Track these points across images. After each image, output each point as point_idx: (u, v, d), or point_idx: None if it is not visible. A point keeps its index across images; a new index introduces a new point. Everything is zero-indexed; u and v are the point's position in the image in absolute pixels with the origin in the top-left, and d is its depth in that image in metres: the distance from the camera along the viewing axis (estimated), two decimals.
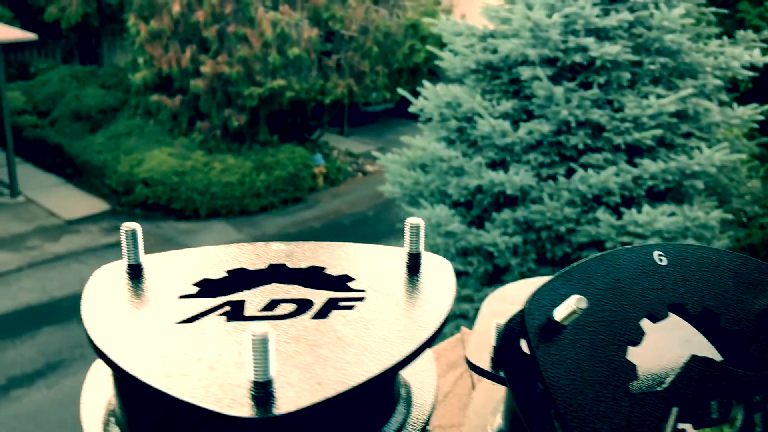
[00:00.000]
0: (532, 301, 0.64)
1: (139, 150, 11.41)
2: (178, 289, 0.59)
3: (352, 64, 12.01)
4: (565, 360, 0.61)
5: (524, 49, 5.48)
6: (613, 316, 0.65)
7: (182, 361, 0.49)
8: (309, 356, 0.50)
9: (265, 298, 0.59)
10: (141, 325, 0.54)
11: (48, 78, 14.02)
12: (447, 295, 0.60)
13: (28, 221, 10.34)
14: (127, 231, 0.61)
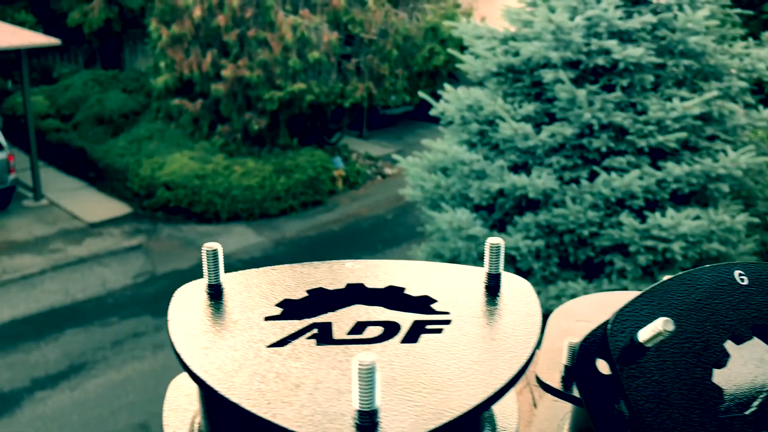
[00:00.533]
0: (615, 323, 0.63)
1: (161, 153, 11.49)
2: (261, 310, 0.59)
3: (372, 67, 12.02)
4: (650, 383, 0.61)
5: (546, 51, 5.45)
6: (696, 337, 0.64)
7: (281, 387, 0.49)
8: (407, 384, 0.50)
9: (351, 320, 0.59)
10: (232, 348, 0.54)
11: (71, 82, 14.17)
12: (534, 319, 0.60)
13: (51, 224, 10.45)
14: (209, 251, 0.61)
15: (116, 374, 6.98)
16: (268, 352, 0.53)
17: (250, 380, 0.49)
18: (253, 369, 0.51)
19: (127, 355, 7.30)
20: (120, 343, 7.52)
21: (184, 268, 9.30)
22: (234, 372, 0.51)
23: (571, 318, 0.80)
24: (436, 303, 0.61)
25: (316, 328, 0.57)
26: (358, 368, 0.45)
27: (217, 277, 0.61)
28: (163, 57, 12.05)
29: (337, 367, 0.51)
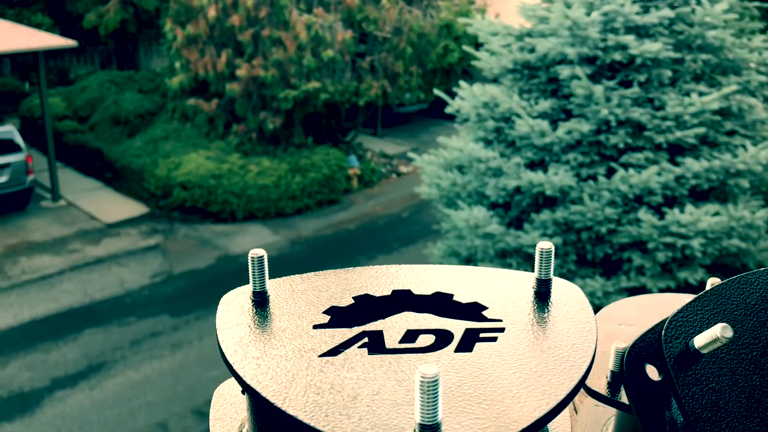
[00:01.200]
0: (669, 328, 0.61)
1: (177, 153, 11.55)
2: (309, 318, 0.59)
3: (386, 65, 12.01)
4: (706, 391, 0.59)
5: (562, 47, 5.41)
6: (754, 342, 0.62)
7: (337, 398, 0.48)
8: (466, 395, 0.49)
9: (401, 328, 0.57)
10: (284, 358, 0.53)
11: (87, 84, 14.27)
12: (590, 326, 0.58)
13: (69, 225, 10.53)
14: (254, 258, 0.59)
15: (135, 374, 7.02)
16: (321, 362, 0.52)
17: (305, 392, 0.49)
18: (307, 380, 0.50)
19: (146, 355, 7.34)
20: (138, 343, 7.56)
21: (201, 267, 9.34)
22: (288, 383, 0.50)
23: (614, 322, 0.79)
24: (486, 310, 0.60)
25: (366, 337, 0.56)
26: (420, 381, 0.43)
27: (263, 284, 0.60)
28: (178, 57, 12.10)
29: (393, 378, 0.50)
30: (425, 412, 0.44)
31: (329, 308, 0.60)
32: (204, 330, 7.80)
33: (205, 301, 8.40)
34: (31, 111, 13.76)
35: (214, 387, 2.53)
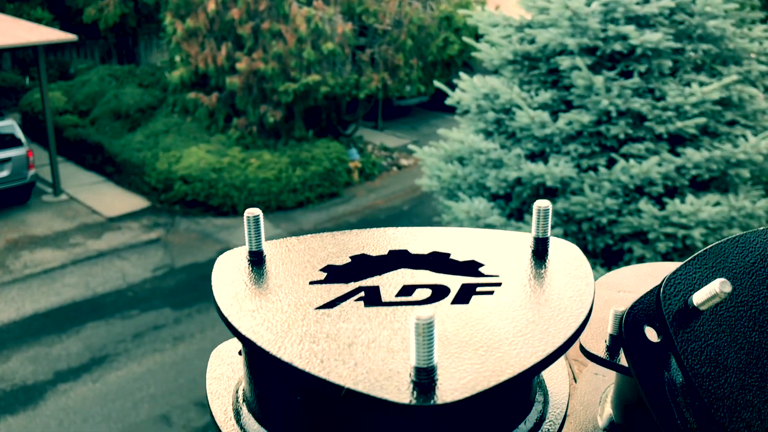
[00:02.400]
0: (668, 286, 0.62)
1: (177, 147, 11.55)
2: (305, 275, 0.58)
3: (386, 57, 11.99)
4: (705, 347, 0.59)
5: (563, 38, 5.41)
6: (752, 300, 0.62)
7: (333, 346, 0.48)
8: (462, 343, 0.49)
9: (398, 283, 0.57)
10: (280, 310, 0.53)
11: (87, 78, 14.26)
12: (587, 280, 0.58)
13: (71, 219, 10.54)
14: (250, 217, 0.60)
15: (137, 366, 7.04)
16: (317, 314, 0.52)
17: (301, 340, 0.48)
18: (303, 330, 0.50)
19: (148, 348, 7.36)
20: (140, 336, 7.58)
21: (203, 261, 9.35)
22: (283, 333, 0.50)
23: (613, 289, 0.79)
24: (483, 267, 0.60)
25: (363, 291, 0.56)
26: (415, 323, 0.43)
27: (259, 244, 0.60)
28: (178, 51, 12.09)
29: (388, 327, 0.50)
30: (421, 354, 0.44)
31: (326, 266, 0.59)
32: (206, 323, 7.82)
33: (206, 294, 8.42)
34: (31, 105, 13.76)
35: None
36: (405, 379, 0.44)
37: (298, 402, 0.51)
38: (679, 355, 0.59)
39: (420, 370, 0.44)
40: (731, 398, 0.57)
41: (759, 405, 0.58)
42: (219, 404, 0.58)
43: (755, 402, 0.58)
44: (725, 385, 0.58)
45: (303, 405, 0.50)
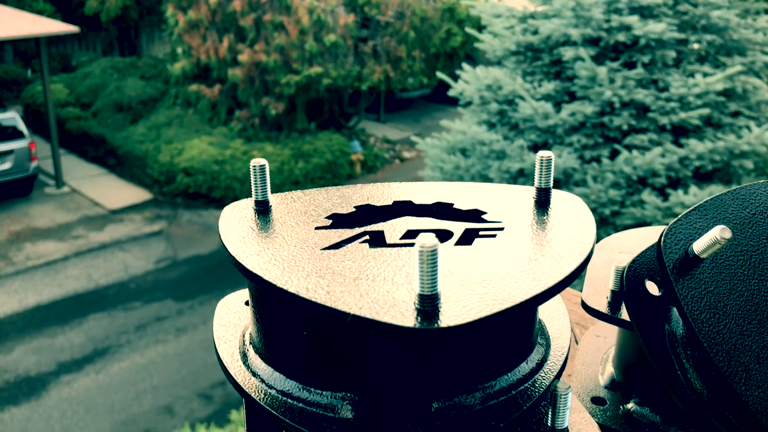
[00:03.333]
0: (669, 236, 0.63)
1: (180, 139, 11.54)
2: (311, 222, 0.59)
3: (389, 49, 11.96)
4: (705, 294, 0.60)
5: (566, 29, 5.39)
6: (751, 249, 0.64)
7: (339, 280, 0.48)
8: (465, 276, 0.49)
9: (402, 228, 0.58)
10: (287, 251, 0.53)
11: (89, 70, 14.25)
12: (589, 223, 0.58)
13: (73, 211, 10.55)
14: (256, 167, 0.60)
15: (140, 358, 7.06)
16: (323, 254, 0.52)
17: (307, 275, 0.49)
18: (309, 267, 0.50)
19: (151, 339, 7.37)
20: (143, 327, 7.60)
21: (205, 252, 9.36)
22: (290, 269, 0.50)
23: (614, 250, 0.81)
24: (486, 215, 0.60)
25: (367, 235, 0.56)
26: (419, 251, 0.44)
27: (265, 193, 0.61)
28: (180, 43, 12.07)
29: (392, 265, 0.51)
30: (425, 282, 0.44)
31: (331, 215, 0.60)
32: (208, 314, 7.83)
33: (209, 285, 8.42)
34: (33, 98, 13.75)
35: (219, 371, 2.59)
36: (410, 307, 0.45)
37: (304, 337, 0.51)
38: (679, 302, 0.59)
39: (424, 297, 0.44)
40: (730, 343, 0.58)
41: (757, 349, 0.59)
42: (225, 348, 0.58)
43: (753, 346, 0.59)
44: (724, 330, 0.59)
45: (309, 339, 0.51)
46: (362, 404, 0.49)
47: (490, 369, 0.51)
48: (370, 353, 0.49)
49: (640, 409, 0.74)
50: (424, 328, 0.42)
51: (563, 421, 0.52)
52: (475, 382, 0.50)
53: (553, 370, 0.55)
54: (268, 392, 0.52)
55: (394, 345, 0.47)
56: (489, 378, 0.51)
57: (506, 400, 0.50)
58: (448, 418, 0.48)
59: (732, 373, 0.57)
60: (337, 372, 0.50)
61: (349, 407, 0.49)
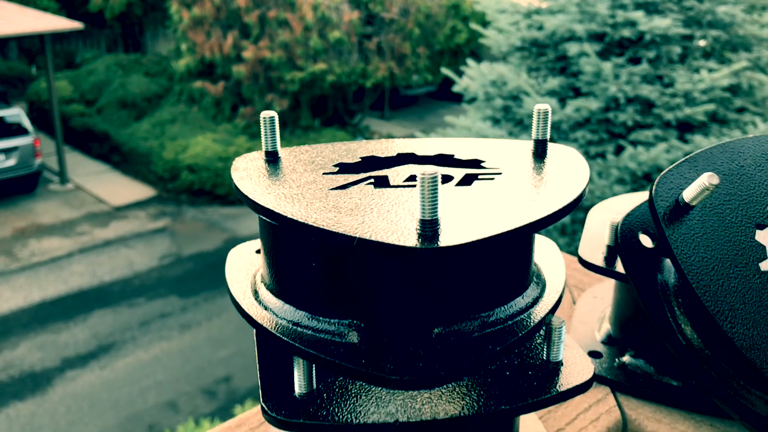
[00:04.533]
0: (660, 185, 0.66)
1: (184, 136, 11.55)
2: (319, 169, 0.62)
3: (393, 46, 11.95)
4: (695, 238, 0.64)
5: (571, 24, 5.37)
6: (739, 199, 0.67)
7: (346, 212, 0.51)
8: (465, 208, 0.52)
9: (405, 173, 0.61)
10: (297, 191, 0.56)
11: (94, 67, 14.26)
12: (583, 167, 0.61)
13: (78, 207, 10.57)
14: (266, 118, 0.62)
15: (144, 354, 7.07)
16: (330, 193, 0.56)
17: (316, 209, 0.52)
18: (318, 203, 0.53)
19: (155, 335, 7.39)
20: (147, 324, 7.61)
21: (209, 249, 9.37)
22: (299, 203, 0.53)
23: (611, 212, 0.84)
24: (485, 163, 0.63)
25: (372, 179, 0.59)
26: (421, 178, 0.47)
27: (274, 144, 0.63)
28: (184, 39, 12.07)
29: (396, 201, 0.53)
30: (425, 208, 0.47)
31: (338, 164, 0.63)
32: (212, 311, 7.84)
33: (213, 282, 8.43)
34: (38, 95, 13.78)
35: (223, 367, 2.59)
36: (412, 231, 0.48)
37: (312, 268, 0.54)
38: (669, 247, 0.63)
39: (425, 222, 0.47)
40: (717, 284, 0.62)
41: (742, 290, 0.63)
42: (238, 288, 0.61)
43: (738, 287, 0.63)
44: (711, 272, 0.62)
45: (317, 270, 0.54)
46: (367, 330, 0.52)
47: (487, 299, 0.54)
48: (374, 280, 0.52)
49: (634, 361, 0.78)
50: (424, 247, 0.45)
51: (558, 354, 0.56)
52: (474, 311, 0.53)
53: (547, 306, 0.57)
54: (279, 322, 0.55)
55: (396, 269, 0.51)
56: (487, 308, 0.54)
57: (503, 329, 0.53)
58: (447, 342, 0.51)
59: (719, 312, 0.60)
60: (344, 300, 0.53)
61: (356, 333, 0.52)
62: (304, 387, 0.53)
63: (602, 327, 0.85)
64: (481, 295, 0.54)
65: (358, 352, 0.51)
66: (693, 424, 0.72)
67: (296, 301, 0.56)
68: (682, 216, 0.65)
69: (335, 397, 0.54)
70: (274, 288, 0.58)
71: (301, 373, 0.53)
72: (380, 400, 0.54)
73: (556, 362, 0.56)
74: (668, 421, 0.72)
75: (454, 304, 0.52)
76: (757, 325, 0.61)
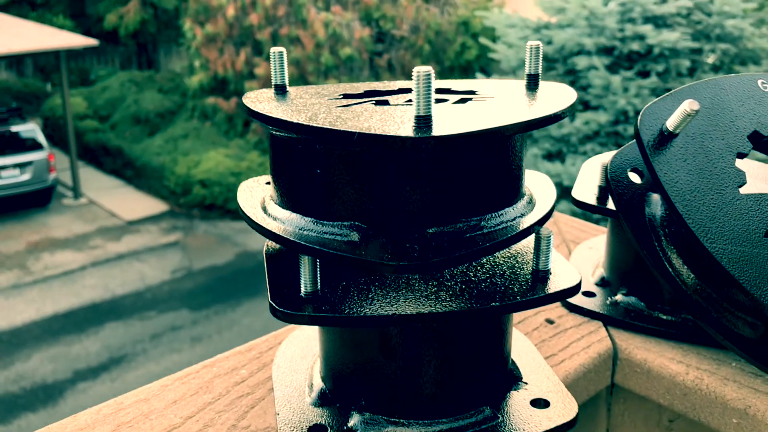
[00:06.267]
0: (644, 116, 0.69)
1: (196, 152, 11.64)
2: (325, 97, 0.65)
3: (404, 63, 12.03)
4: (680, 163, 0.67)
5: (580, 38, 5.41)
6: (720, 130, 0.71)
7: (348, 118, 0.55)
8: (460, 115, 0.55)
9: (404, 98, 0.65)
10: (303, 107, 0.60)
11: (108, 84, 14.43)
12: (570, 92, 0.64)
13: (91, 222, 10.65)
14: (275, 53, 0.65)
15: (155, 366, 7.09)
16: (336, 109, 0.59)
17: (321, 117, 0.55)
18: (322, 114, 0.56)
19: (166, 348, 7.41)
20: (158, 337, 7.64)
21: (221, 263, 9.41)
22: (305, 114, 0.56)
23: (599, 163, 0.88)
24: (480, 92, 0.67)
25: (374, 101, 0.63)
26: (416, 74, 0.49)
27: (283, 78, 0.66)
28: (197, 56, 12.20)
29: (394, 114, 0.56)
30: (420, 103, 0.50)
31: (343, 94, 0.67)
32: (223, 324, 7.87)
33: (224, 296, 8.46)
34: (53, 111, 13.94)
35: None
36: (408, 126, 0.51)
37: (317, 175, 0.57)
38: (656, 174, 0.66)
39: (419, 118, 0.50)
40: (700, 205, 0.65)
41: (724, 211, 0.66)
42: (249, 207, 0.65)
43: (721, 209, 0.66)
44: (695, 195, 0.66)
45: (321, 177, 0.57)
46: (368, 230, 0.56)
47: (479, 204, 0.57)
48: (374, 182, 0.55)
49: (626, 298, 0.82)
50: (419, 136, 0.49)
51: (546, 263, 0.59)
52: (466, 214, 0.57)
53: (536, 216, 0.60)
54: (286, 229, 0.59)
55: (393, 168, 0.54)
56: (478, 212, 0.57)
57: (493, 231, 0.57)
58: (440, 240, 0.54)
59: (701, 230, 0.64)
60: (345, 204, 0.57)
61: (356, 233, 0.56)
62: (310, 286, 0.56)
63: (596, 272, 0.89)
64: (472, 199, 0.57)
65: (359, 246, 0.55)
66: (681, 353, 0.75)
67: (302, 208, 0.59)
68: (666, 144, 0.68)
69: (338, 295, 0.57)
70: (281, 201, 0.62)
71: (306, 272, 0.56)
72: (380, 298, 0.57)
73: (545, 270, 0.59)
74: (657, 350, 0.76)
75: (448, 206, 0.56)
76: (738, 241, 0.64)
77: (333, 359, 0.65)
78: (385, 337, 0.60)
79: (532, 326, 0.81)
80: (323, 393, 0.66)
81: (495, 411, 0.63)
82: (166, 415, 0.66)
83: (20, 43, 10.67)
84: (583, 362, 0.75)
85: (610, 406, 0.84)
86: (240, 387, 0.71)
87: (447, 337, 0.60)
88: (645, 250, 0.70)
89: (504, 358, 0.66)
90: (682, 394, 0.72)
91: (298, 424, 0.62)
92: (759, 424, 0.67)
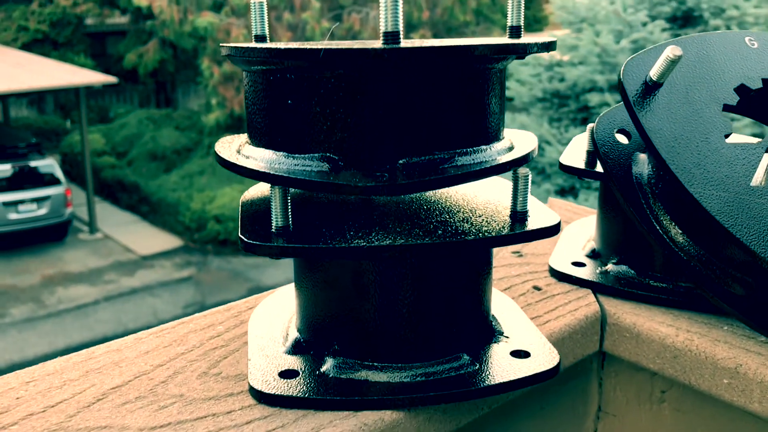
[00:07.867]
0: (628, 67, 0.69)
1: (212, 188, 11.74)
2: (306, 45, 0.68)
3: None
4: (664, 113, 0.67)
5: (592, 75, 5.45)
6: (705, 81, 0.70)
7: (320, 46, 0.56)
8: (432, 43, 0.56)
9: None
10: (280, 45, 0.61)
11: (126, 121, 14.65)
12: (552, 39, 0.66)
13: (105, 256, 10.71)
14: (255, 3, 0.65)
15: None
16: (309, 43, 0.60)
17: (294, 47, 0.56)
18: (296, 46, 0.57)
19: None
20: None
21: (233, 298, 9.36)
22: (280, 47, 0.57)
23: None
24: None
25: None
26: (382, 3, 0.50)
27: (263, 28, 0.66)
28: (214, 94, 12.39)
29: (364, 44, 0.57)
30: (388, 20, 0.50)
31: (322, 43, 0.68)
32: None
33: None
34: (71, 147, 14.15)
35: None
36: (377, 44, 0.51)
37: (287, 106, 0.57)
38: (641, 124, 0.66)
39: (387, 34, 0.51)
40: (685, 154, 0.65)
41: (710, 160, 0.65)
42: (225, 151, 0.64)
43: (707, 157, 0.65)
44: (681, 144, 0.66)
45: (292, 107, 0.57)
46: (338, 161, 0.56)
47: (453, 137, 0.57)
48: (343, 110, 0.55)
49: (616, 267, 0.82)
50: (386, 47, 0.49)
51: (524, 204, 0.59)
52: (440, 146, 0.56)
53: (513, 156, 0.60)
54: (258, 164, 0.59)
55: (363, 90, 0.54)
56: (452, 146, 0.57)
57: (467, 165, 0.56)
58: (411, 170, 0.54)
59: (687, 179, 0.63)
60: (315, 135, 0.56)
61: (327, 164, 0.56)
62: (281, 220, 0.56)
63: (587, 246, 0.89)
64: (445, 131, 0.56)
65: (329, 174, 0.55)
66: (671, 317, 0.74)
67: (275, 144, 0.59)
68: (650, 93, 0.68)
69: (308, 229, 0.56)
70: (255, 140, 0.62)
71: (277, 204, 0.55)
72: (353, 231, 0.56)
73: (523, 211, 0.59)
74: (647, 315, 0.75)
75: (419, 137, 0.55)
76: (723, 187, 0.63)
77: (308, 307, 0.64)
78: (359, 275, 0.59)
79: (519, 292, 0.81)
80: (297, 341, 0.65)
81: (473, 359, 0.62)
82: (137, 363, 0.66)
83: (41, 80, 10.89)
84: (569, 323, 0.74)
85: (602, 381, 0.83)
86: (215, 340, 0.70)
87: (422, 275, 0.59)
88: (632, 208, 0.70)
89: (483, 309, 0.65)
90: (672, 357, 0.71)
91: (270, 369, 0.61)
92: (750, 382, 0.65)
